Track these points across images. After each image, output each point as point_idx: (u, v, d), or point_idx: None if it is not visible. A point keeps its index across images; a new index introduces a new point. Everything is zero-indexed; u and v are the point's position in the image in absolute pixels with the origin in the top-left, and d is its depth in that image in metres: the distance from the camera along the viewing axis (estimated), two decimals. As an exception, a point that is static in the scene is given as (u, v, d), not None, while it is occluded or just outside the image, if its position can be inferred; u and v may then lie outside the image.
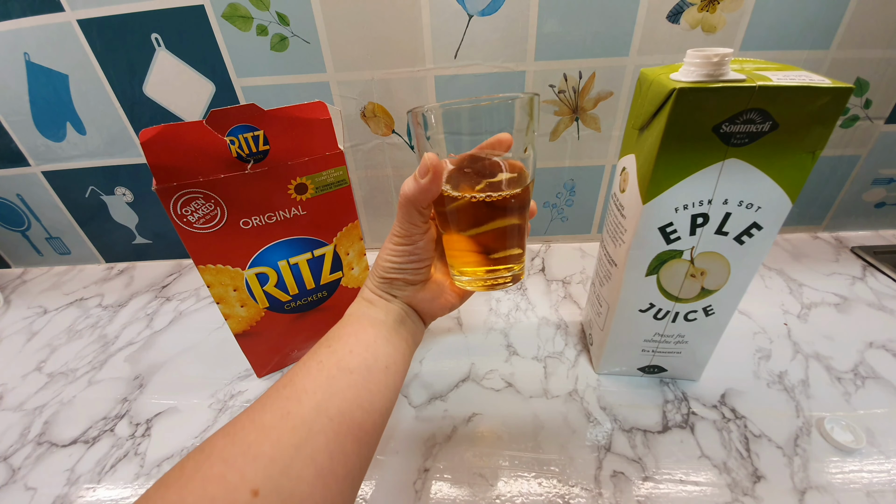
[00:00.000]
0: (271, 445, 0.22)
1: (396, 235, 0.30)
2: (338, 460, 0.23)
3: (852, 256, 0.60)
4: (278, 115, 0.35)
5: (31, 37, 0.49)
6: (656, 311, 0.37)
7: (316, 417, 0.23)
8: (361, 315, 0.31)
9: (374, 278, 0.32)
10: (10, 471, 0.39)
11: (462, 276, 0.32)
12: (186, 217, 0.35)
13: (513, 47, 0.50)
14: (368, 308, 0.31)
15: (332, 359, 0.27)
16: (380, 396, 0.27)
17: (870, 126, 0.55)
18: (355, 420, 0.25)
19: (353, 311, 0.32)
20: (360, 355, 0.28)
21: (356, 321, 0.31)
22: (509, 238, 0.30)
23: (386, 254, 0.31)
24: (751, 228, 0.31)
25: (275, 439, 0.22)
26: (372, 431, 0.26)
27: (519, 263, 0.31)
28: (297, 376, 0.26)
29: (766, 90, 0.25)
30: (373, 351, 0.28)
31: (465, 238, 0.30)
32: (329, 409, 0.24)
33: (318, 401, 0.24)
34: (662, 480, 0.35)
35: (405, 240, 0.30)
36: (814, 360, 0.44)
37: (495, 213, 0.28)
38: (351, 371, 0.26)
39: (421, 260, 0.31)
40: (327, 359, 0.27)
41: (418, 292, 0.32)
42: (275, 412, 0.24)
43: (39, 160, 0.59)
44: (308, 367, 0.27)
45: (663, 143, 0.27)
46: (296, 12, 0.48)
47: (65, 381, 0.48)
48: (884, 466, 0.35)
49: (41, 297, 0.64)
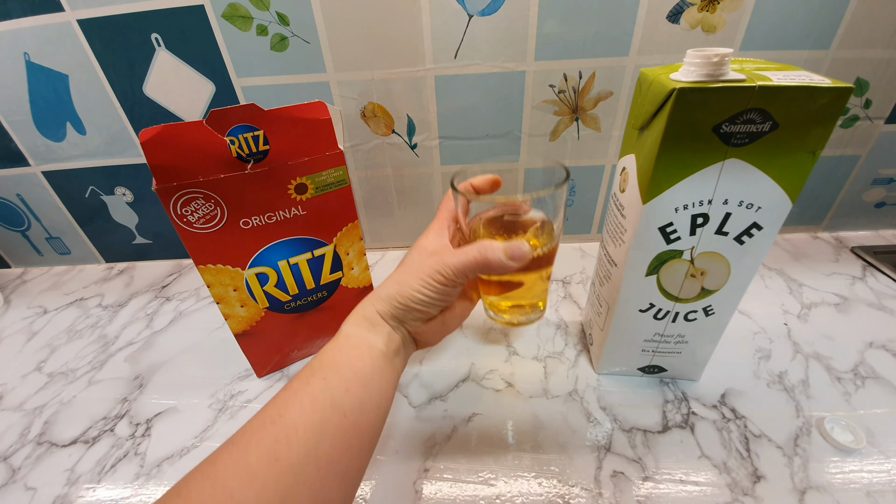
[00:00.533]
0: (256, 495, 0.21)
1: (444, 276, 0.29)
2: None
3: (852, 256, 0.60)
4: (278, 115, 0.35)
5: (31, 37, 0.49)
6: (656, 311, 0.37)
7: (304, 466, 0.23)
8: (360, 340, 0.29)
9: (387, 303, 0.30)
10: (10, 471, 0.39)
11: (500, 315, 0.38)
12: (186, 217, 0.35)
13: (513, 47, 0.50)
14: (369, 332, 0.30)
15: (326, 395, 0.26)
16: (368, 437, 0.27)
17: (870, 126, 0.55)
18: (341, 465, 0.24)
19: (351, 333, 0.30)
20: (355, 394, 0.26)
21: (354, 347, 0.29)
22: (540, 285, 0.36)
23: (420, 285, 0.29)
24: (751, 228, 0.31)
25: (260, 488, 0.21)
26: (357, 474, 0.26)
27: (545, 300, 0.38)
28: (288, 409, 0.25)
29: (766, 90, 0.25)
30: (368, 388, 0.27)
31: (502, 285, 0.36)
32: (319, 456, 0.23)
33: (307, 446, 0.23)
34: (662, 480, 0.35)
35: (452, 282, 0.29)
36: (814, 360, 0.44)
37: (531, 266, 0.32)
38: (345, 414, 0.25)
39: (452, 297, 0.31)
40: (321, 394, 0.25)
41: (429, 323, 0.31)
42: (261, 455, 0.22)
43: (39, 160, 0.59)
44: (301, 401, 0.25)
45: (663, 143, 0.27)
46: (296, 12, 0.48)
47: (65, 381, 0.48)
48: (884, 466, 0.35)
49: (41, 297, 0.64)
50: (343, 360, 0.28)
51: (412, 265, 0.31)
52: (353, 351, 0.29)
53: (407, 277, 0.30)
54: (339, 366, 0.28)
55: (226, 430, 0.41)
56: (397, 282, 0.30)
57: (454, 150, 0.58)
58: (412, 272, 0.30)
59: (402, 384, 0.44)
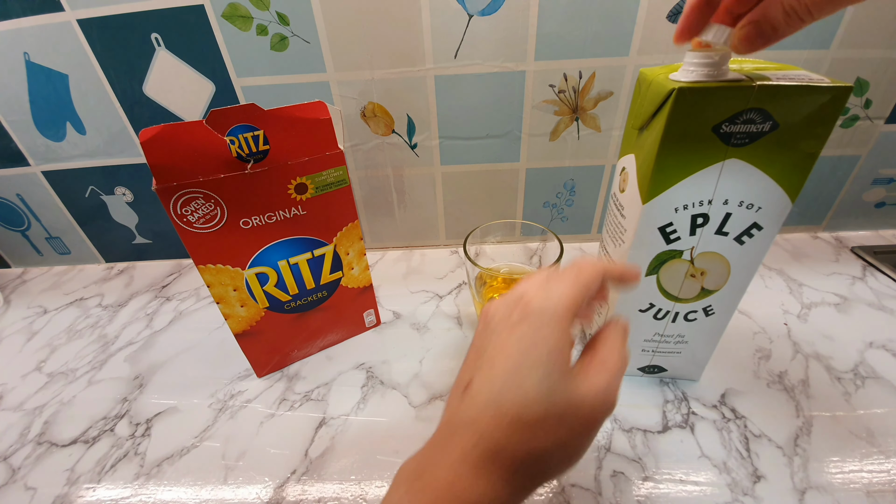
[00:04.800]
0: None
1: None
2: None
3: (852, 256, 0.60)
4: (278, 115, 0.35)
5: (31, 37, 0.49)
6: (656, 311, 0.37)
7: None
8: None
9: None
10: (10, 471, 0.39)
11: None
12: (186, 217, 0.35)
13: (513, 47, 0.50)
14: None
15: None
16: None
17: (870, 126, 0.55)
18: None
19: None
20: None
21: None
22: None
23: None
24: (751, 229, 0.31)
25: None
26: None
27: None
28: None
29: (765, 90, 0.25)
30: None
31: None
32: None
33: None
34: (662, 480, 0.35)
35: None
36: (814, 360, 0.44)
37: None
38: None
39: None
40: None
41: None
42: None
43: (39, 160, 0.59)
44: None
45: (663, 143, 0.27)
46: (296, 12, 0.48)
47: (65, 380, 0.48)
48: (884, 466, 0.35)
49: (41, 296, 0.64)
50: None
51: (571, 411, 0.21)
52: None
53: (576, 437, 0.21)
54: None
55: (226, 430, 0.41)
56: (562, 445, 0.21)
57: (454, 150, 0.58)
58: (580, 427, 0.21)
59: (402, 384, 0.45)
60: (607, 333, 0.24)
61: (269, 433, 0.41)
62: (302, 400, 0.44)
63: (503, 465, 0.20)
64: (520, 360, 0.21)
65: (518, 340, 0.21)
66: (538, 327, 0.21)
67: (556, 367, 0.20)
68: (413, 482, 0.21)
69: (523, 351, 0.21)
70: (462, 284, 0.59)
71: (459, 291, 0.58)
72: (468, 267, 0.42)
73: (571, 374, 0.21)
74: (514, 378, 0.20)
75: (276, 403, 0.44)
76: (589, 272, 0.23)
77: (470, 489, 0.19)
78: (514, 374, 0.20)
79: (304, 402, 0.43)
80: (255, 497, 0.36)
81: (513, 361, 0.21)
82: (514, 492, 0.20)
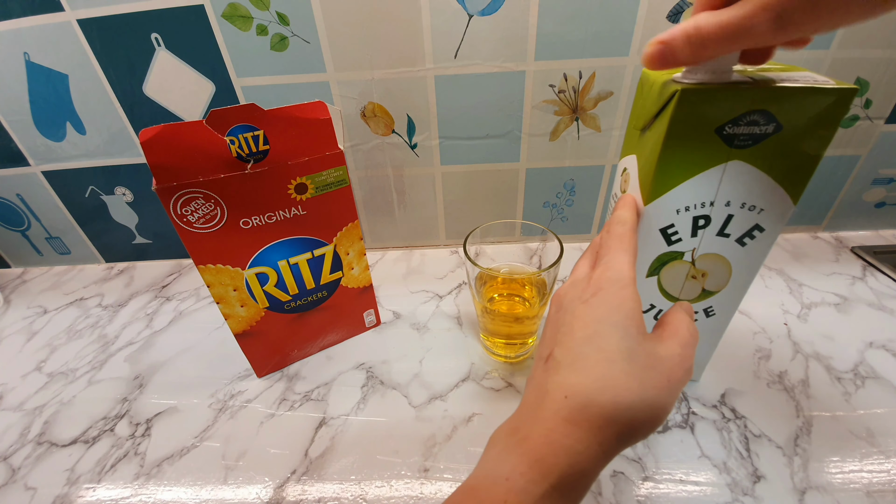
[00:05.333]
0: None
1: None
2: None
3: (852, 256, 0.60)
4: (278, 115, 0.34)
5: (31, 37, 0.49)
6: (657, 312, 0.37)
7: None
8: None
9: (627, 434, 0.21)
10: (10, 471, 0.39)
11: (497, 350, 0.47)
12: (186, 217, 0.35)
13: (513, 47, 0.50)
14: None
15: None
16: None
17: (870, 126, 0.55)
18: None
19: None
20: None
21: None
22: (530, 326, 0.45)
23: (670, 402, 0.21)
24: (752, 230, 0.31)
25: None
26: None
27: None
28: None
29: (769, 91, 0.25)
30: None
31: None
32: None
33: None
34: (662, 480, 0.35)
35: None
36: (814, 360, 0.44)
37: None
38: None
39: None
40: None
41: None
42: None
43: (39, 160, 0.59)
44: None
45: (665, 144, 0.27)
46: (296, 12, 0.48)
47: (65, 381, 0.48)
48: (884, 466, 0.35)
49: (41, 296, 0.64)
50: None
51: (650, 369, 0.21)
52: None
53: (659, 394, 0.21)
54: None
55: (226, 430, 0.41)
56: (645, 402, 0.20)
57: (454, 150, 0.58)
58: (660, 384, 0.21)
59: (402, 384, 0.45)
60: (674, 311, 0.25)
61: (269, 433, 0.41)
62: (302, 400, 0.44)
63: (592, 418, 0.20)
64: (598, 327, 0.22)
65: (594, 310, 0.23)
66: (611, 295, 0.23)
67: (635, 328, 0.22)
68: (509, 438, 0.22)
69: (600, 318, 0.22)
70: (462, 284, 0.59)
71: (459, 291, 0.58)
72: (468, 267, 0.42)
73: (649, 338, 0.23)
74: (596, 341, 0.22)
75: (276, 403, 0.44)
76: (629, 234, 0.26)
77: (564, 438, 0.20)
78: (594, 338, 0.22)
79: (304, 402, 0.43)
80: (255, 497, 0.36)
81: (592, 328, 0.22)
82: (604, 445, 0.20)
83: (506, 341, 0.46)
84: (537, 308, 0.44)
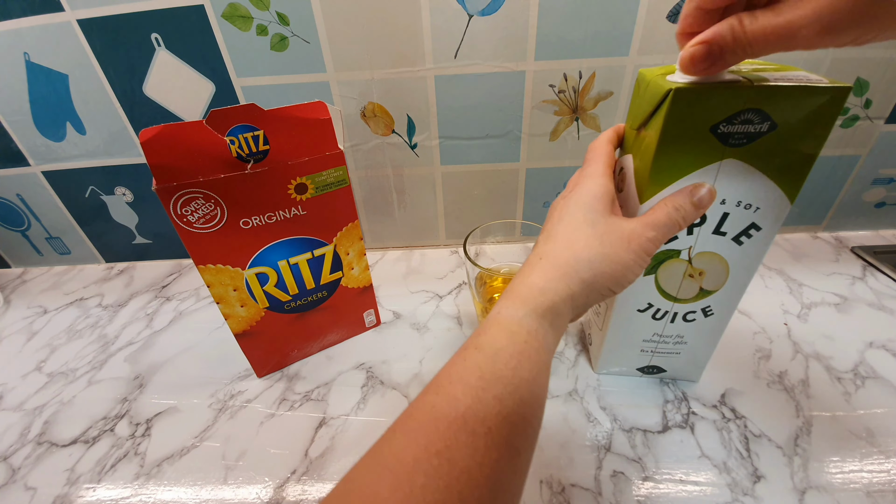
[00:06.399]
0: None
1: (653, 251, 0.26)
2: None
3: (852, 256, 0.60)
4: (278, 115, 0.35)
5: (31, 37, 0.49)
6: (654, 310, 0.37)
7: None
8: (541, 344, 0.24)
9: (589, 287, 0.25)
10: (10, 471, 0.39)
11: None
12: (186, 217, 0.35)
13: (513, 47, 0.50)
14: (550, 331, 0.25)
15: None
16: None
17: (870, 126, 0.55)
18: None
19: (534, 330, 0.24)
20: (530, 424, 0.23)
21: (535, 356, 0.24)
22: None
23: (636, 263, 0.26)
24: (749, 229, 0.31)
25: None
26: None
27: None
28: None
29: (763, 90, 0.25)
30: (538, 414, 0.24)
31: None
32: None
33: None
34: (662, 480, 0.35)
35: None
36: (814, 360, 0.44)
37: None
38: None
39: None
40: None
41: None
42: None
43: (39, 160, 0.59)
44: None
45: (660, 143, 0.27)
46: (296, 12, 0.48)
47: (65, 381, 0.48)
48: (884, 466, 0.35)
49: (41, 296, 0.64)
50: (523, 375, 0.23)
51: (610, 233, 0.26)
52: (533, 365, 0.23)
53: (617, 251, 0.25)
54: (517, 384, 0.22)
55: (226, 430, 0.41)
56: (605, 256, 0.25)
57: (454, 150, 0.58)
58: (619, 244, 0.25)
59: (402, 384, 0.45)
60: (660, 202, 0.28)
61: (269, 433, 0.41)
62: (302, 400, 0.44)
63: (559, 267, 0.26)
64: (568, 208, 0.28)
65: (568, 200, 0.28)
66: (581, 187, 0.28)
67: (601, 205, 0.27)
68: (503, 294, 0.27)
69: (571, 203, 0.28)
70: (462, 284, 0.59)
71: (459, 291, 0.58)
72: (468, 267, 0.42)
73: (615, 214, 0.27)
74: (565, 218, 0.27)
75: (276, 403, 0.44)
76: (603, 146, 0.31)
77: (537, 280, 0.25)
78: (565, 216, 0.27)
79: (304, 402, 0.43)
80: (255, 497, 0.36)
81: (564, 211, 0.28)
82: (570, 286, 0.25)
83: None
84: None
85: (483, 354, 0.23)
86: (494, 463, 0.20)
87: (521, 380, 0.22)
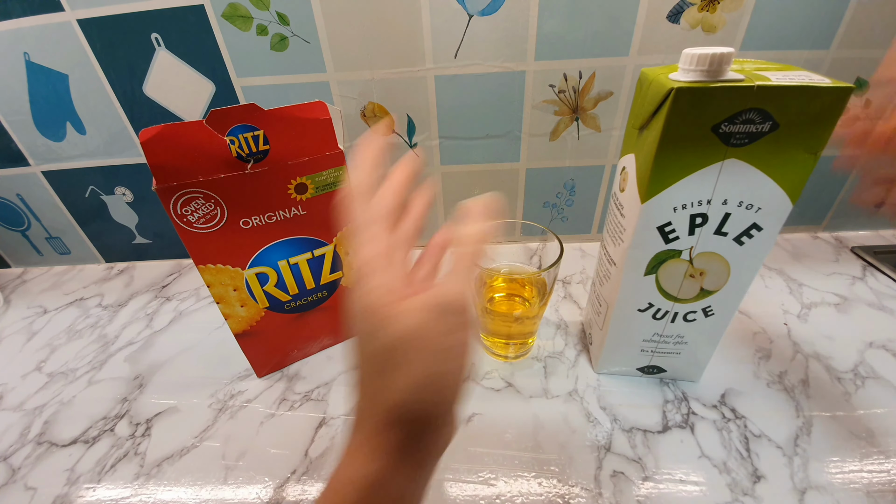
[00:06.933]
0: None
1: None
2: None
3: (852, 256, 0.60)
4: (278, 115, 0.35)
5: (31, 37, 0.49)
6: (655, 310, 0.37)
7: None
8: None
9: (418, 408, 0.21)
10: (10, 471, 0.39)
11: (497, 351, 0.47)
12: (186, 217, 0.35)
13: (513, 47, 0.50)
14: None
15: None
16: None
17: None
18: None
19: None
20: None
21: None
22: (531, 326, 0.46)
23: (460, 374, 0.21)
24: (751, 229, 0.31)
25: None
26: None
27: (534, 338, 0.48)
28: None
29: (765, 90, 0.25)
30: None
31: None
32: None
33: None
34: (662, 480, 0.35)
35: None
36: (814, 360, 0.44)
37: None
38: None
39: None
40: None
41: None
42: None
43: (39, 160, 0.59)
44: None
45: (662, 142, 0.27)
46: (296, 12, 0.48)
47: (65, 380, 0.48)
48: (884, 466, 0.35)
49: (41, 296, 0.64)
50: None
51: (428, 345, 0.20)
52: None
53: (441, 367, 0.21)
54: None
55: (226, 430, 0.41)
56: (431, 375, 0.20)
57: (454, 150, 0.58)
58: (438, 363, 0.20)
59: (402, 384, 0.45)
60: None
61: (269, 433, 0.41)
62: (302, 400, 0.44)
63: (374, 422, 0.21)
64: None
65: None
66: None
67: (377, 309, 0.21)
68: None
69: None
70: (462, 284, 0.59)
71: (459, 291, 0.58)
72: None
73: (390, 307, 0.20)
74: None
75: (276, 403, 0.44)
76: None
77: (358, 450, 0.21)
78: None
79: (304, 402, 0.43)
80: (255, 497, 0.36)
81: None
82: (391, 441, 0.20)
83: (506, 341, 0.46)
84: (537, 308, 0.44)
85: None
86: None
87: None
